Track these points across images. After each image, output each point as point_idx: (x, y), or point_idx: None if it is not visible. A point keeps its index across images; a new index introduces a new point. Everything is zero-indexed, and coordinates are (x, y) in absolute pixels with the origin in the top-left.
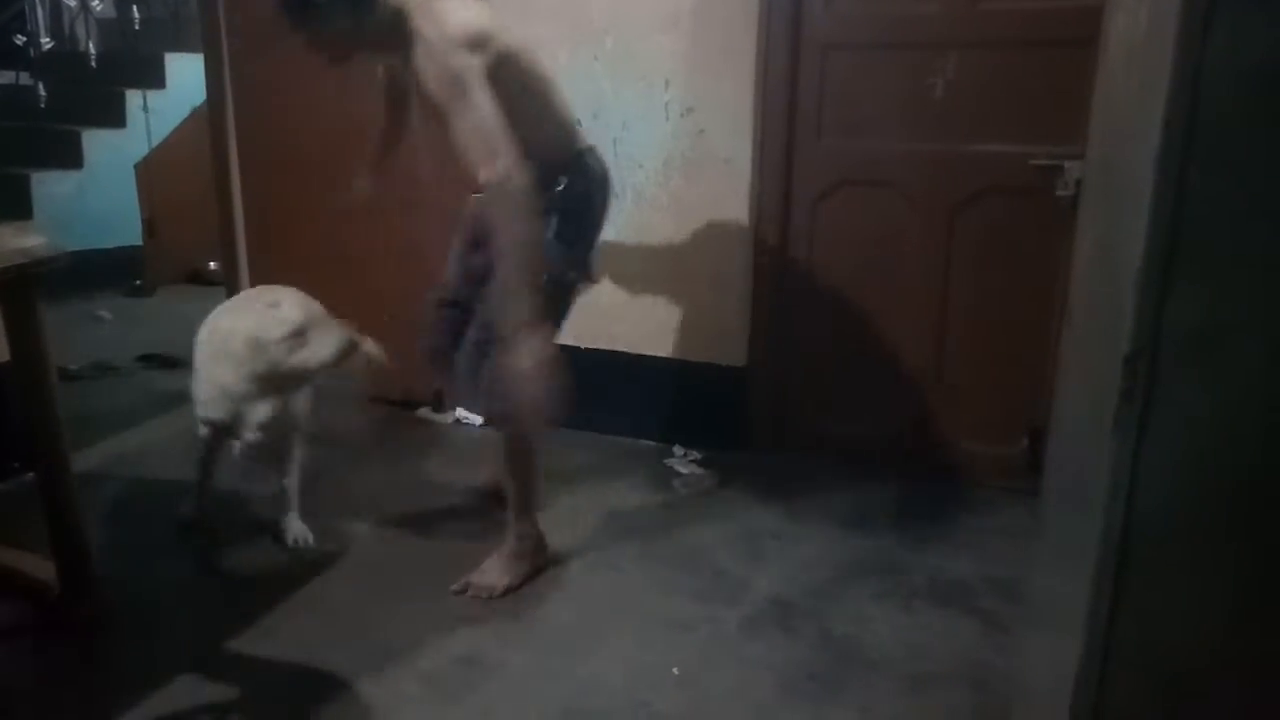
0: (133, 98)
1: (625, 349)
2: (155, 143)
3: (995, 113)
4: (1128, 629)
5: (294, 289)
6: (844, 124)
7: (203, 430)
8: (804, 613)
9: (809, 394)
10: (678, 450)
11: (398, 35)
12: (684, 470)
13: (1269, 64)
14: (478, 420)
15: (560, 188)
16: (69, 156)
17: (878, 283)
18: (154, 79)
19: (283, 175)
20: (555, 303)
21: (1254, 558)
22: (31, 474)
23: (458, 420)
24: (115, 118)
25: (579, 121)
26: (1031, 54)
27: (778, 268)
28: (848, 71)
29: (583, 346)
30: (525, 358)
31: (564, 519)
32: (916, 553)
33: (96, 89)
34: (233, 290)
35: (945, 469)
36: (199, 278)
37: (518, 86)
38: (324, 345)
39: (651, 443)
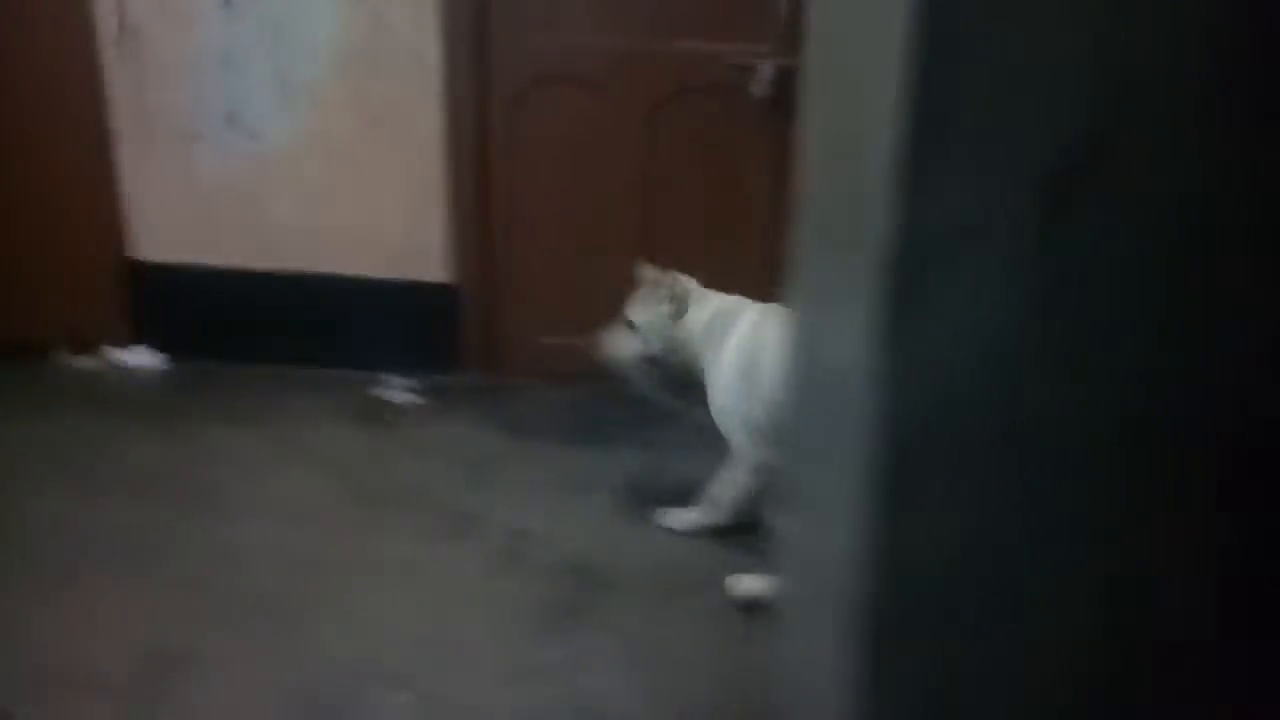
0: None
1: (312, 269)
2: None
3: (691, 9)
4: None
5: None
6: (541, 18)
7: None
8: (543, 539)
9: (521, 309)
10: (386, 378)
11: None
12: (394, 399)
13: None
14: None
15: None
16: None
17: (584, 188)
18: None
19: None
20: None
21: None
22: None
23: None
24: None
25: None
26: None
27: (477, 175)
28: None
29: (260, 269)
30: None
31: (254, 466)
32: (648, 459)
33: None
34: None
35: None
36: None
37: None
38: None
39: (355, 371)
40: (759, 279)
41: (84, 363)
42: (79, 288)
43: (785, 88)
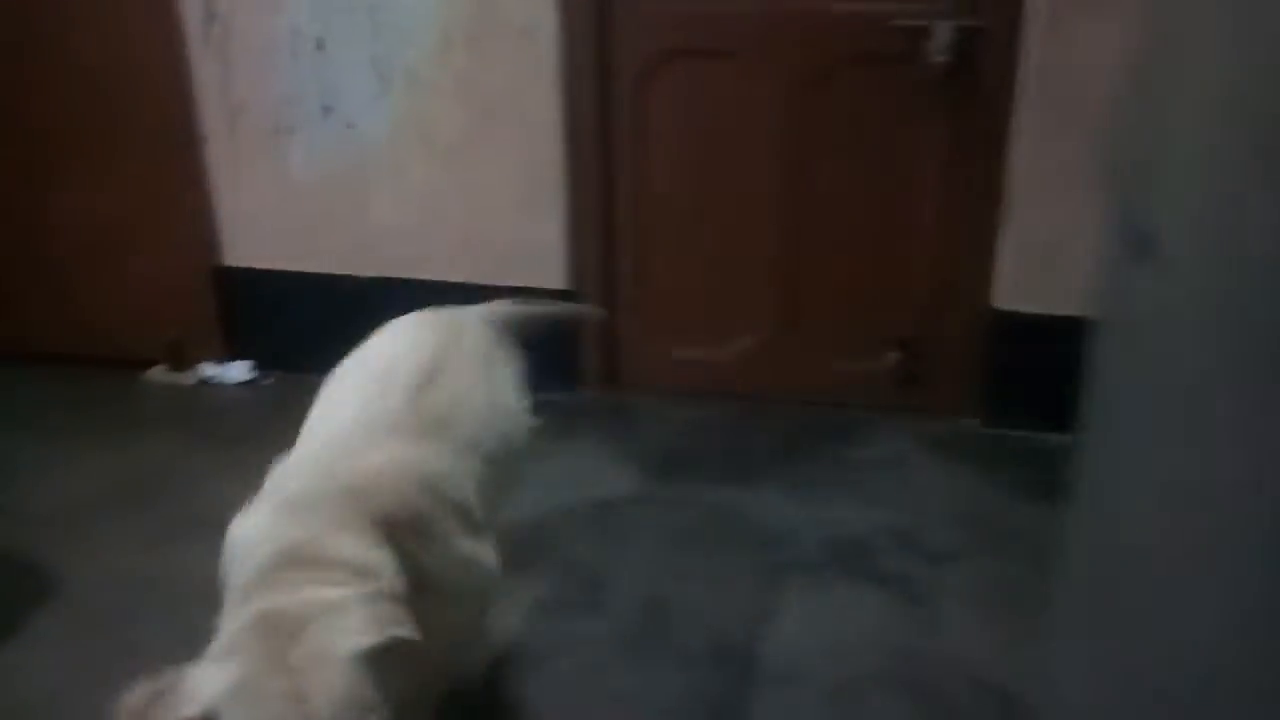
0: None
1: (415, 275)
2: None
3: None
4: None
5: None
6: None
7: None
8: (686, 612)
9: (648, 318)
10: None
11: None
12: None
13: None
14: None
15: None
16: None
17: (720, 180)
18: None
19: None
20: None
21: None
22: None
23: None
24: None
25: None
26: None
27: (599, 166)
28: None
29: (359, 275)
30: None
31: None
32: (793, 504)
33: None
34: None
35: (817, 391)
36: None
37: None
38: None
39: None
40: (928, 292)
41: (176, 378)
42: (170, 298)
43: (966, 53)
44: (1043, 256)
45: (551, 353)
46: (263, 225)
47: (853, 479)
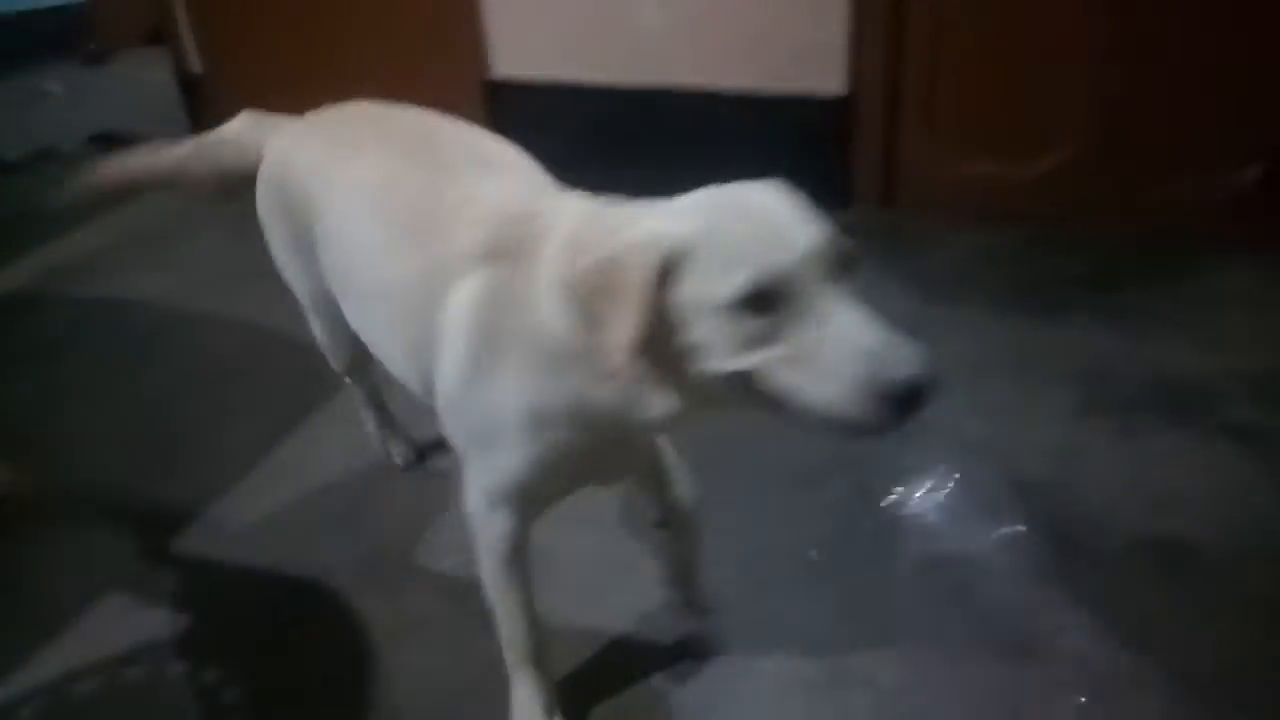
0: None
1: (682, 82)
2: None
3: None
4: None
5: None
6: None
7: None
8: (996, 453)
9: (934, 129)
10: None
11: None
12: None
13: None
14: None
15: None
16: None
17: None
18: None
19: None
20: None
21: None
22: None
23: None
24: None
25: None
26: None
27: None
28: None
29: (623, 84)
30: None
31: None
32: (1121, 340)
33: None
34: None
35: (1142, 214)
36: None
37: None
38: None
39: None
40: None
41: None
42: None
43: None
44: None
45: (818, 166)
46: (529, 34)
47: (1190, 317)
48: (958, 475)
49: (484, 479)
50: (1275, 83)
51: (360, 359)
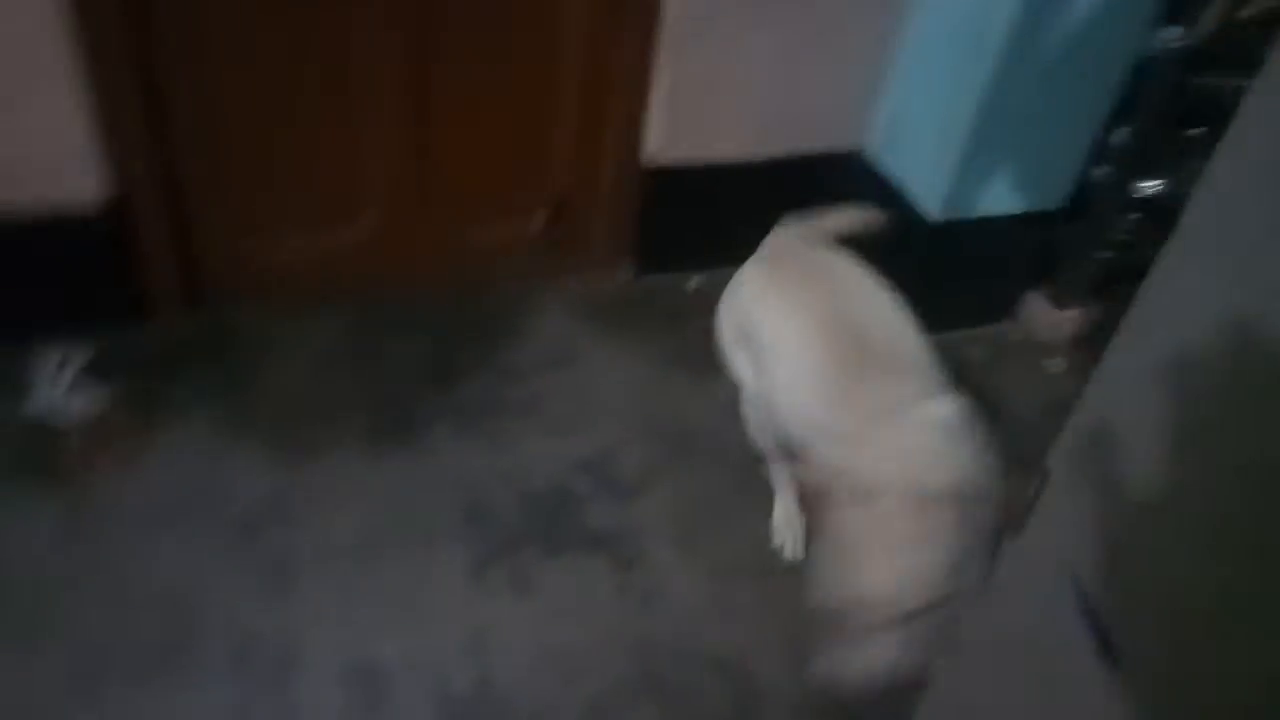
0: None
1: None
2: None
3: None
4: None
5: None
6: None
7: None
8: (415, 666)
9: (229, 213)
10: (45, 363)
11: None
12: (61, 402)
13: None
14: None
15: None
16: None
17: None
18: None
19: None
20: None
21: None
22: None
23: None
24: None
25: None
26: None
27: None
28: None
29: None
30: None
31: None
32: (486, 454)
33: None
34: None
35: (457, 260)
36: None
37: None
38: None
39: None
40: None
41: None
42: None
43: None
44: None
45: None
46: None
47: (523, 393)
48: None
49: None
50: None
51: None
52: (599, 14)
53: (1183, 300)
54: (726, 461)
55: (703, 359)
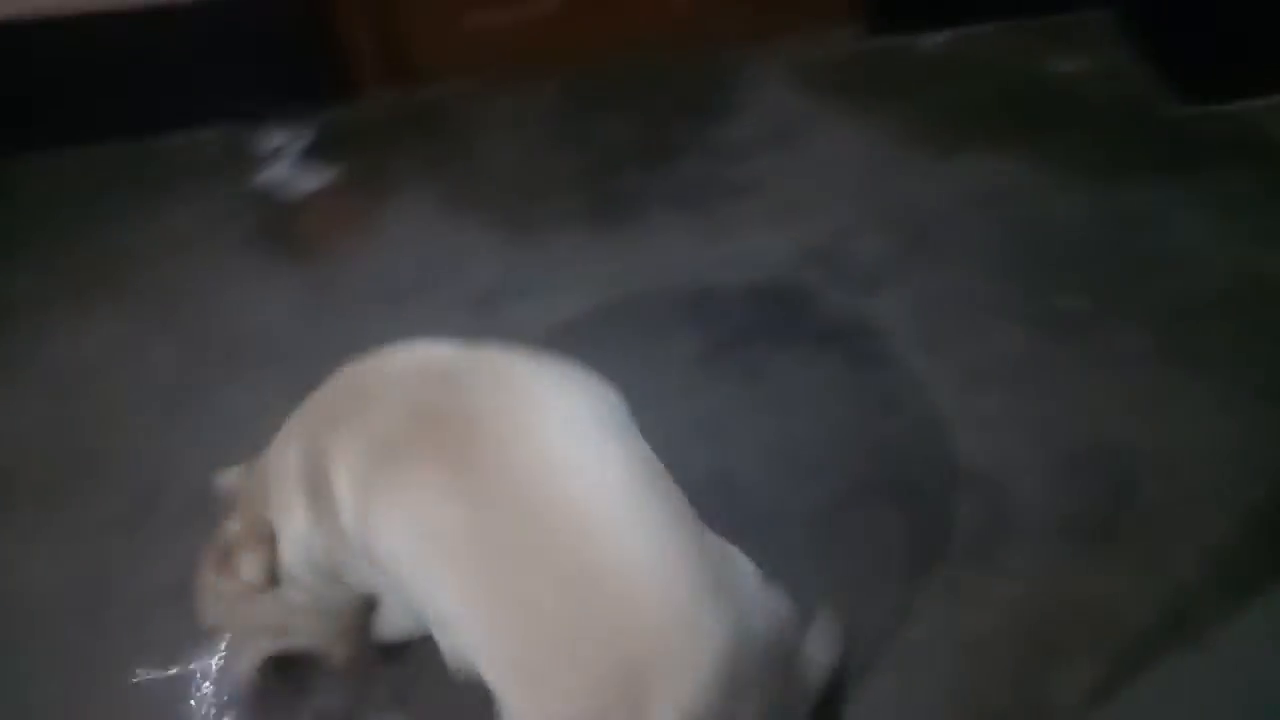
0: None
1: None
2: None
3: None
4: None
5: None
6: None
7: None
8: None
9: None
10: (264, 137)
11: None
12: (289, 176)
13: None
14: None
15: None
16: None
17: None
18: None
19: None
20: None
21: None
22: None
23: None
24: None
25: None
26: None
27: None
28: None
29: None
30: None
31: None
32: (702, 239)
33: None
34: None
35: (650, 43)
36: None
37: None
38: None
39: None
40: None
41: None
42: None
43: None
44: None
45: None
46: None
47: (742, 174)
48: None
49: None
50: None
51: None
52: None
53: None
54: (974, 253)
55: (944, 134)
